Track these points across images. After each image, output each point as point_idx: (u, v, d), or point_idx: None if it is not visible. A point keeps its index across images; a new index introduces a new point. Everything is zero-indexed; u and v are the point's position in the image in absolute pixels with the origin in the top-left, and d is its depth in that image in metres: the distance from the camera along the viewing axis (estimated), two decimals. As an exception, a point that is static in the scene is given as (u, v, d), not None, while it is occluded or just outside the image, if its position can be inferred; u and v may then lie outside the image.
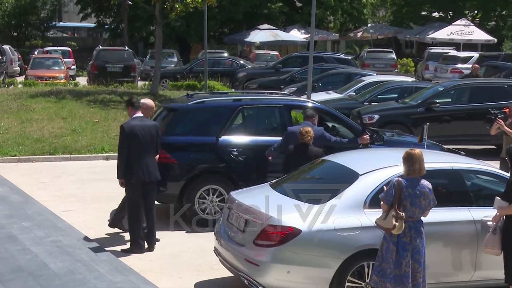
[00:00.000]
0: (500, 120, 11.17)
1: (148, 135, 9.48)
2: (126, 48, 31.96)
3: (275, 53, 39.57)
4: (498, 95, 16.74)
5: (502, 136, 11.38)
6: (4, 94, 22.19)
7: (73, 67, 38.62)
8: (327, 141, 10.26)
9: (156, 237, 9.75)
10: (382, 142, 11.33)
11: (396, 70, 36.87)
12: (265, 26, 41.59)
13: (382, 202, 7.11)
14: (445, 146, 12.27)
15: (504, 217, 7.39)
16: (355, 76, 23.44)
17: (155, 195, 9.85)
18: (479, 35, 39.68)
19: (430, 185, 7.10)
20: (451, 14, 48.73)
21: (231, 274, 8.06)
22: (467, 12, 48.81)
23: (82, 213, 11.38)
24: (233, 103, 11.60)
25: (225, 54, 38.95)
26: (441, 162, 8.33)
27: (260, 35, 40.50)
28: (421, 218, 7.11)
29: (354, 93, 20.57)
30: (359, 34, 50.38)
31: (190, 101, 11.38)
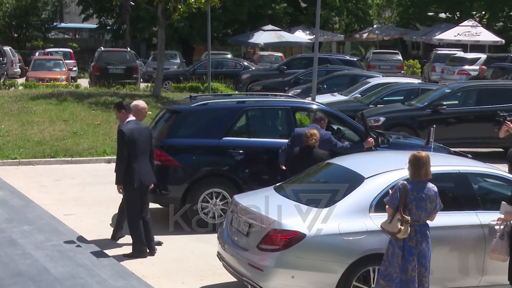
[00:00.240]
0: (509, 123, 11.06)
1: (144, 139, 9.41)
2: (128, 50, 31.77)
3: (280, 55, 39.39)
4: (506, 97, 16.63)
5: (511, 139, 11.25)
6: (5, 96, 22.06)
7: (75, 69, 38.54)
8: (333, 146, 10.20)
9: (159, 240, 9.69)
10: (388, 145, 11.24)
11: (402, 72, 36.64)
12: (269, 27, 41.42)
13: (387, 206, 7.03)
14: (452, 149, 12.19)
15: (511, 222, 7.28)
16: (361, 78, 23.28)
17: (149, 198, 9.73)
18: (487, 36, 39.48)
19: (436, 188, 7.02)
20: (458, 15, 48.45)
21: (235, 279, 7.98)
22: (475, 13, 48.55)
23: (84, 217, 11.29)
24: (237, 105, 11.48)
25: (229, 56, 38.76)
26: (448, 165, 8.21)
27: (264, 36, 40.35)
28: (428, 222, 7.02)
29: (360, 95, 20.43)
30: (365, 35, 50.28)
31: (193, 103, 11.26)
